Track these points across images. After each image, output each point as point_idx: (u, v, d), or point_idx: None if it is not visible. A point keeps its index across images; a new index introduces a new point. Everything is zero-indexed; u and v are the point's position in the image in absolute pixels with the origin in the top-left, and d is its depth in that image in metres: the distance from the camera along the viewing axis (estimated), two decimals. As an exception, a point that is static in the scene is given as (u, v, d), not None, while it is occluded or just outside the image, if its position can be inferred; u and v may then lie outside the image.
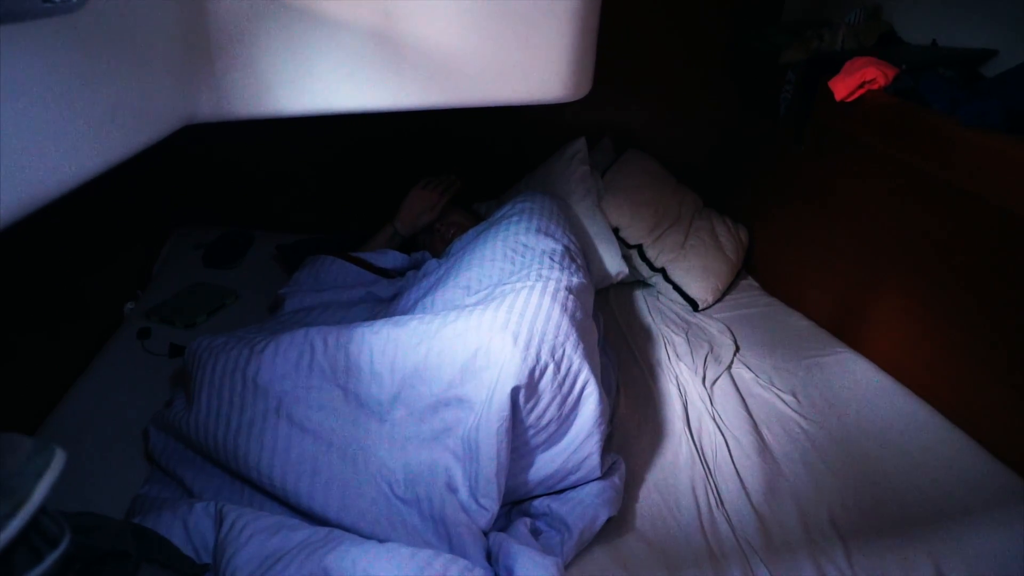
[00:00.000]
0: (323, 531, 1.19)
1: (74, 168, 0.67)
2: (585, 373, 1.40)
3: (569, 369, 1.39)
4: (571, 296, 1.51)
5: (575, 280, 1.58)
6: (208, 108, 0.96)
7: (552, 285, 1.50)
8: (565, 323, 1.42)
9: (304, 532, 1.18)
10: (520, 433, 1.35)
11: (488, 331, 1.37)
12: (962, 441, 1.62)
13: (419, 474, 1.31)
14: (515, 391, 1.31)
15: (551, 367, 1.36)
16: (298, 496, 1.29)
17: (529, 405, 1.34)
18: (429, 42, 1.00)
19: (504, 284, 1.54)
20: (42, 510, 0.54)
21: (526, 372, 1.31)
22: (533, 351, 1.34)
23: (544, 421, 1.37)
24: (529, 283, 1.50)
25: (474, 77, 1.05)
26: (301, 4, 0.94)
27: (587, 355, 1.42)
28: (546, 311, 1.42)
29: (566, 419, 1.40)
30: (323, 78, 0.99)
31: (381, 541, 1.20)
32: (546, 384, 1.35)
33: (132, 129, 0.79)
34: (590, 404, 1.41)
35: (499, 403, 1.29)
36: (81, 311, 1.91)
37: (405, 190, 2.19)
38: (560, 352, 1.38)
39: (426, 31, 0.99)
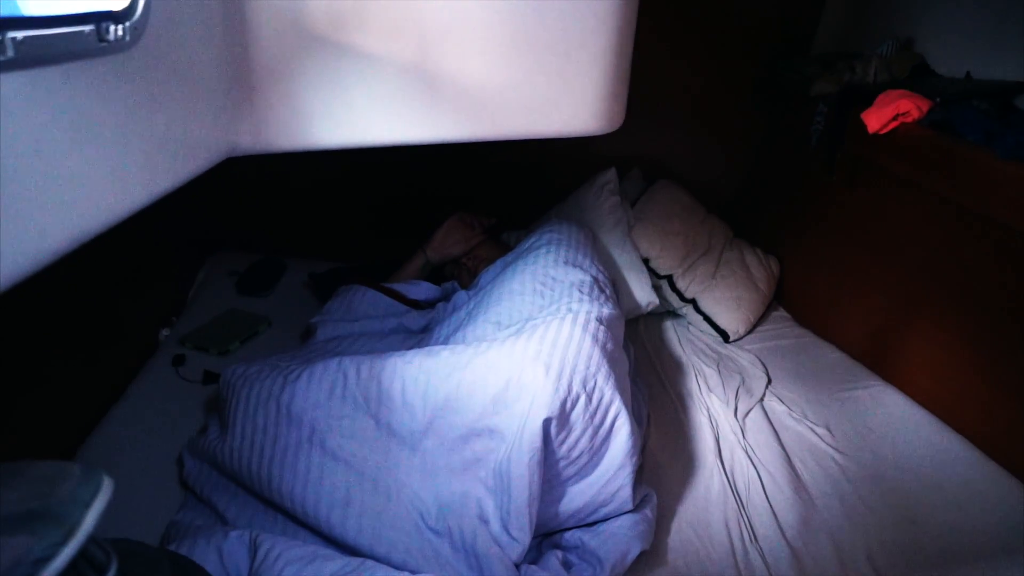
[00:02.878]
0: (356, 562, 1.19)
1: (124, 200, 0.69)
2: (617, 404, 1.40)
3: (601, 400, 1.38)
4: (602, 327, 1.50)
5: (605, 311, 1.58)
6: (249, 140, 0.98)
7: (583, 317, 1.50)
8: (596, 354, 1.42)
9: (337, 563, 1.18)
10: (551, 465, 1.35)
11: (520, 362, 1.37)
12: (1001, 477, 1.58)
13: (450, 505, 1.31)
14: (547, 422, 1.30)
15: (583, 398, 1.35)
16: (331, 526, 1.29)
17: (561, 436, 1.34)
18: (464, 76, 1.02)
19: (534, 319, 1.54)
20: (91, 538, 0.55)
21: (558, 403, 1.31)
22: (565, 382, 1.34)
23: (576, 453, 1.36)
24: (559, 315, 1.50)
25: (508, 110, 1.06)
26: (339, 40, 0.96)
27: (618, 386, 1.41)
28: (577, 342, 1.42)
29: (598, 451, 1.40)
30: (360, 112, 1.01)
31: (413, 572, 1.20)
32: (578, 415, 1.35)
33: (178, 161, 0.81)
34: (622, 436, 1.40)
35: (531, 434, 1.29)
36: (117, 337, 1.94)
37: (436, 218, 2.21)
38: (592, 383, 1.38)
39: (461, 65, 1.01)
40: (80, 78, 0.61)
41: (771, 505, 1.52)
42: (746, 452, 1.68)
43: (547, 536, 1.43)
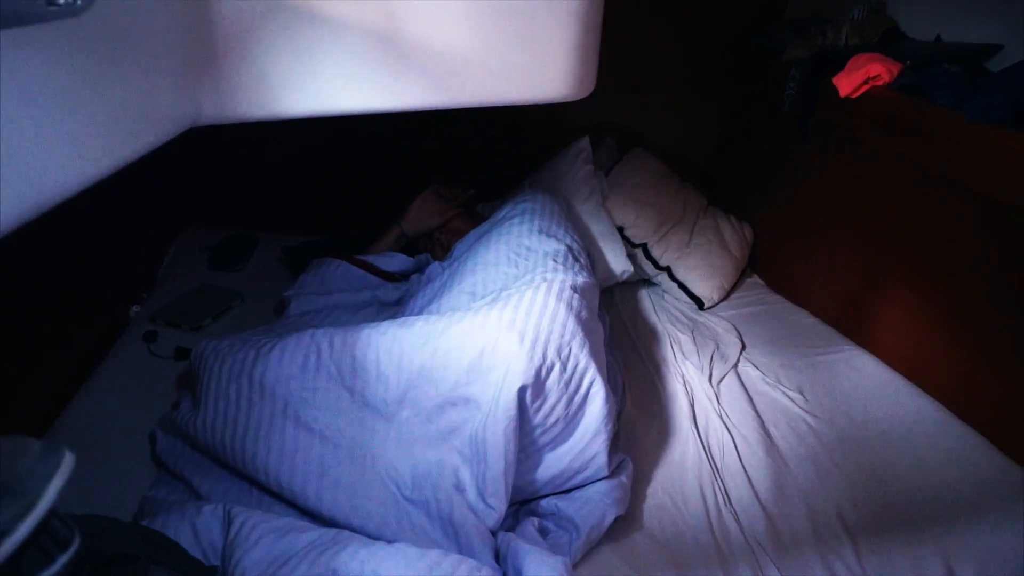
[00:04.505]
0: (331, 532, 1.19)
1: (79, 171, 0.67)
2: (591, 372, 1.40)
3: (576, 368, 1.39)
4: (576, 295, 1.50)
5: (580, 279, 1.58)
6: (213, 110, 0.96)
7: (557, 285, 1.50)
8: (571, 322, 1.42)
9: (312, 534, 1.18)
10: (527, 432, 1.35)
11: (495, 330, 1.37)
12: (970, 437, 1.61)
13: (426, 474, 1.31)
14: (522, 390, 1.31)
15: (557, 366, 1.36)
16: (306, 497, 1.29)
17: (536, 404, 1.34)
18: (432, 42, 1.00)
19: (508, 288, 1.54)
20: (52, 512, 0.54)
21: (533, 371, 1.31)
22: (540, 350, 1.34)
23: (551, 420, 1.37)
24: (534, 285, 1.50)
25: (478, 77, 1.05)
26: (304, 5, 0.94)
27: (593, 354, 1.42)
28: (552, 310, 1.42)
29: (573, 418, 1.40)
30: (327, 79, 0.99)
31: (390, 542, 1.20)
32: (552, 383, 1.35)
33: (137, 131, 0.79)
34: (596, 403, 1.41)
35: (506, 402, 1.30)
36: (86, 314, 1.91)
37: (409, 189, 2.19)
38: (566, 351, 1.38)
39: (429, 31, 0.99)
40: (29, 44, 0.59)
41: (745, 469, 1.54)
42: (720, 417, 1.69)
43: (523, 504, 1.44)
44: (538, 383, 1.33)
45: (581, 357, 1.39)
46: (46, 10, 0.58)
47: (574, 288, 1.52)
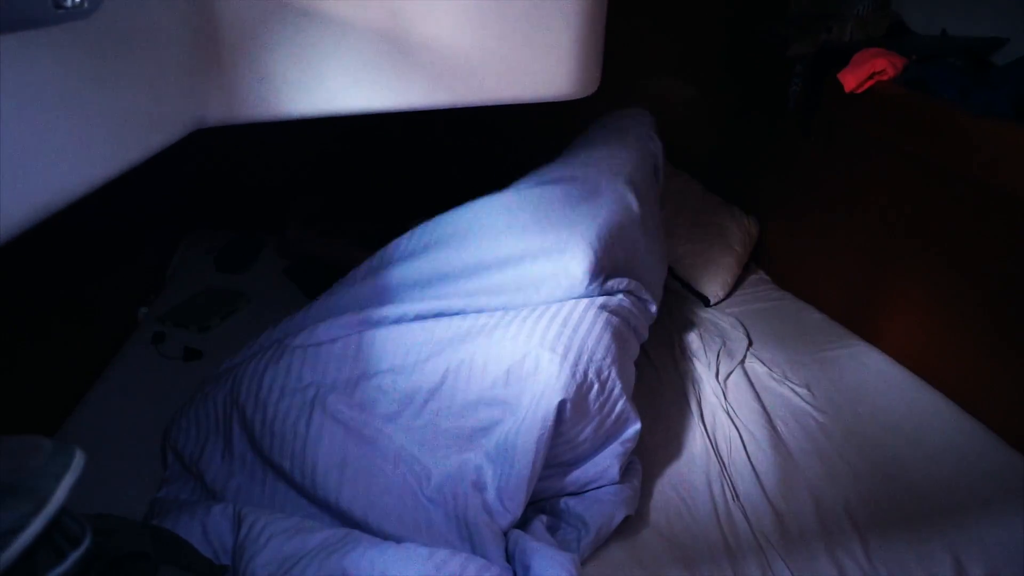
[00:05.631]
0: (341, 532, 1.20)
1: (87, 173, 0.67)
2: (624, 398, 1.44)
3: (611, 392, 1.42)
4: (616, 316, 1.55)
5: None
6: (218, 111, 0.97)
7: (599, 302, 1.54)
8: (612, 343, 1.45)
9: (321, 534, 1.19)
10: (554, 446, 1.36)
11: (540, 341, 1.39)
12: (978, 431, 1.61)
13: (448, 471, 1.32)
14: (562, 404, 1.32)
15: (596, 386, 1.38)
16: (326, 489, 1.30)
17: (572, 420, 1.35)
18: (436, 42, 1.01)
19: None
20: (64, 510, 0.55)
21: (574, 387, 1.34)
22: (581, 368, 1.37)
23: (580, 438, 1.39)
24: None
25: (481, 76, 1.05)
26: (307, 6, 0.95)
27: (626, 377, 1.47)
28: (594, 330, 1.45)
29: (602, 443, 1.43)
30: (331, 79, 1.00)
31: (399, 541, 1.21)
32: (591, 403, 1.38)
33: (144, 133, 0.80)
34: (627, 430, 1.44)
35: (545, 412, 1.31)
36: (95, 316, 1.92)
37: (413, 191, 2.18)
38: (605, 374, 1.41)
39: (433, 31, 1.00)
40: (37, 47, 0.59)
41: (752, 464, 1.54)
42: (728, 413, 1.69)
43: (532, 503, 1.44)
44: (578, 400, 1.35)
45: (618, 382, 1.42)
46: (54, 13, 0.59)
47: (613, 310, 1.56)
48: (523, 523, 1.35)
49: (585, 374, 1.37)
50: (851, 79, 1.74)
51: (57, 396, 1.66)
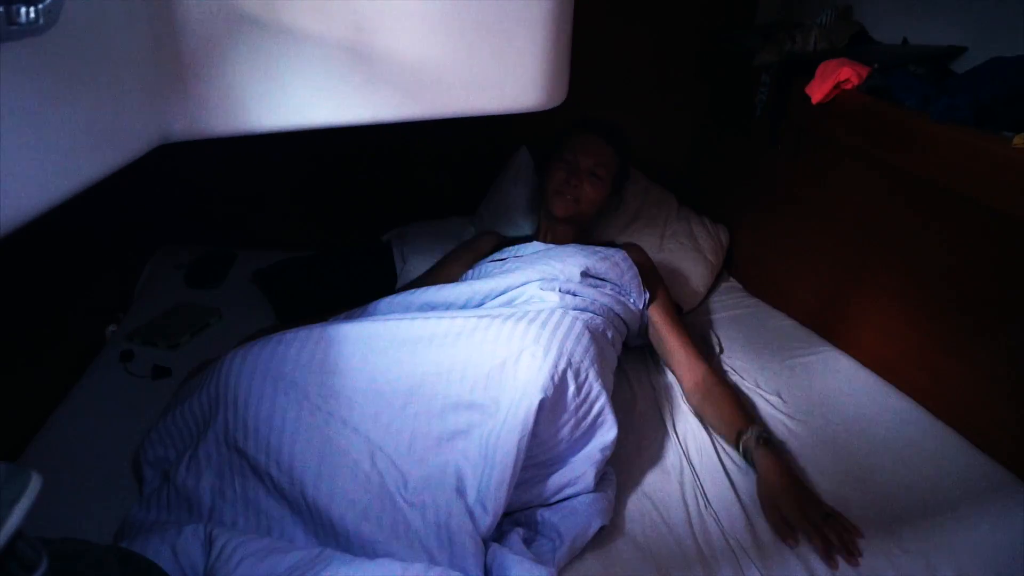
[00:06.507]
0: (313, 552, 1.19)
1: (44, 191, 0.66)
2: (602, 400, 1.46)
3: (588, 393, 1.44)
4: (600, 318, 1.61)
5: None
6: (182, 126, 0.96)
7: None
8: (592, 347, 1.49)
9: (294, 555, 1.17)
10: (531, 446, 1.36)
11: (520, 343, 1.41)
12: (948, 436, 1.62)
13: (429, 475, 1.32)
14: (542, 402, 1.33)
15: (572, 386, 1.40)
16: (304, 485, 1.29)
17: (549, 419, 1.37)
18: (402, 55, 1.01)
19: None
20: (19, 535, 0.53)
21: (552, 387, 1.35)
22: (561, 367, 1.39)
23: (557, 437, 1.40)
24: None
25: (448, 88, 1.05)
26: (271, 20, 0.94)
27: (605, 382, 1.49)
28: (572, 332, 1.49)
29: (579, 443, 1.44)
30: (296, 93, 0.99)
31: (375, 547, 1.21)
32: (568, 402, 1.39)
33: (105, 150, 0.79)
34: (602, 432, 1.46)
35: (525, 414, 1.32)
36: (62, 334, 1.89)
37: (385, 203, 2.18)
38: (583, 376, 1.43)
39: (398, 44, 0.99)
40: (-10, 64, 0.58)
41: (725, 471, 1.55)
42: (699, 421, 1.70)
43: (507, 515, 1.43)
44: (556, 398, 1.36)
45: (595, 385, 1.45)
46: (7, 30, 0.58)
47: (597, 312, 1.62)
48: (500, 536, 1.35)
49: (564, 372, 1.39)
50: (818, 91, 1.76)
51: (23, 416, 1.63)
